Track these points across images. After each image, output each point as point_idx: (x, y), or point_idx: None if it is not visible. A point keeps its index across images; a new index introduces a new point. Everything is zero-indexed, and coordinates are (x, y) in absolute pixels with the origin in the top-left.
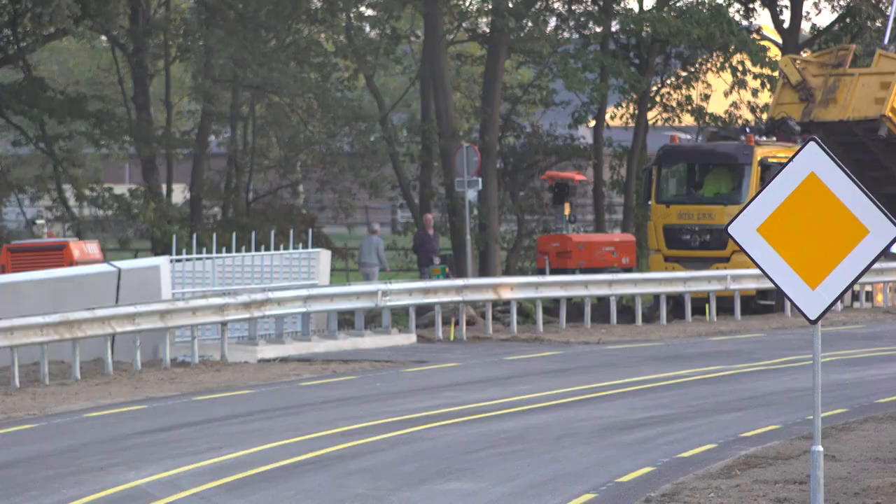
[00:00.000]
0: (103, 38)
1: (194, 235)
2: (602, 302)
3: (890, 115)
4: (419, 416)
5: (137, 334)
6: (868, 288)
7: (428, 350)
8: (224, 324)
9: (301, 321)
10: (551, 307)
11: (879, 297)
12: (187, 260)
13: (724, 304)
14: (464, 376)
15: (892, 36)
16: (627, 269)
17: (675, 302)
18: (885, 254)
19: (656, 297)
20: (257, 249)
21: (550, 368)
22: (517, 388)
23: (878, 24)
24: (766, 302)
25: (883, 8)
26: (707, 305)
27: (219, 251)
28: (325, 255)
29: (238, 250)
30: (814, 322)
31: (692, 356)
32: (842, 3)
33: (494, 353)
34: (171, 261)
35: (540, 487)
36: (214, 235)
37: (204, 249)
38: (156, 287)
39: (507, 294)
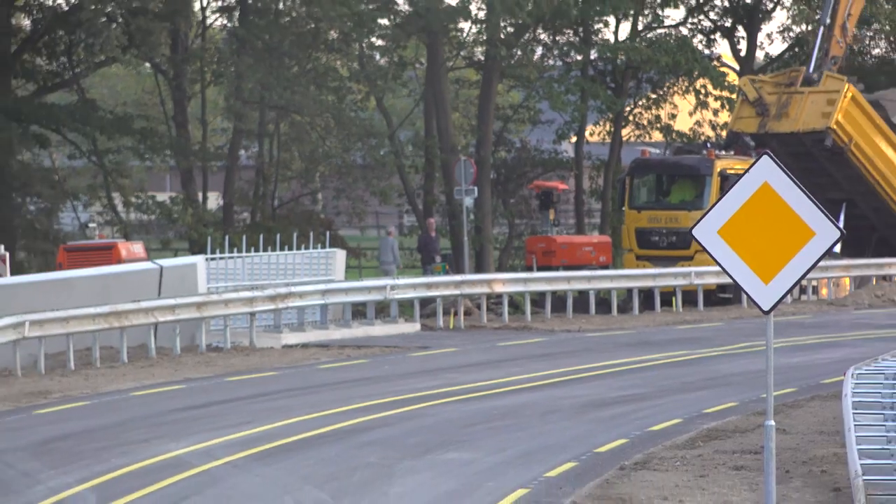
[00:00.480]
0: (147, 64)
1: (227, 237)
2: (582, 295)
3: (835, 127)
4: (422, 394)
5: (177, 323)
6: (814, 283)
7: (430, 337)
8: (252, 314)
9: (320, 312)
10: (538, 299)
11: (824, 291)
12: (220, 258)
13: (689, 297)
14: (461, 360)
15: (816, 64)
16: (604, 267)
17: (646, 295)
18: (828, 253)
19: (629, 290)
20: (281, 249)
21: (537, 353)
22: (508, 370)
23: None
24: (725, 295)
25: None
26: (674, 298)
27: (248, 251)
28: (340, 255)
29: (264, 250)
30: (767, 312)
31: (661, 342)
32: (791, 34)
33: (488, 340)
34: (207, 259)
35: (528, 457)
36: (244, 237)
37: (235, 249)
38: (193, 282)
39: (499, 288)
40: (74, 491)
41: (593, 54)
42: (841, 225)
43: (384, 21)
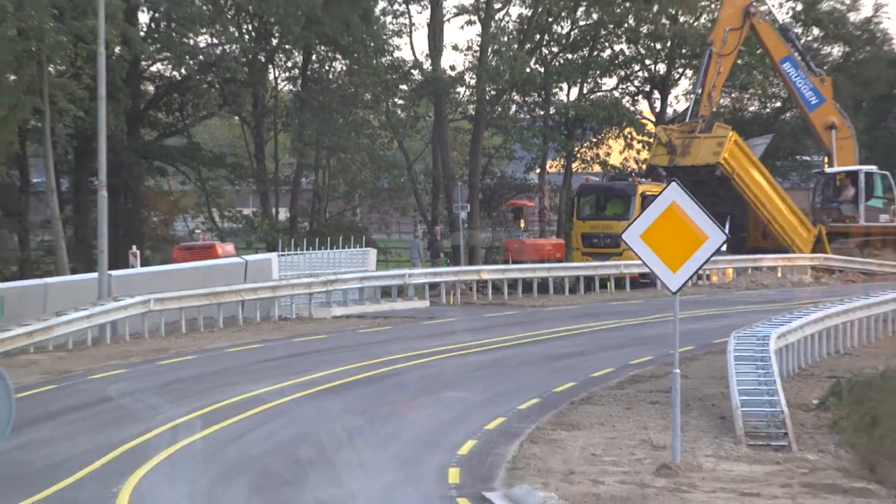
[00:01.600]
0: (236, 118)
1: (292, 240)
2: (544, 281)
3: (723, 161)
4: (430, 351)
5: (257, 301)
6: (707, 272)
7: (436, 311)
8: (310, 294)
9: (358, 293)
10: (513, 284)
11: (714, 278)
12: (288, 255)
13: (619, 283)
14: (459, 326)
15: (692, 114)
16: (560, 261)
17: (589, 280)
18: (717, 252)
19: (577, 277)
20: (330, 248)
21: (512, 322)
22: (492, 334)
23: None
24: (645, 280)
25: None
26: (608, 283)
27: (307, 250)
28: (372, 253)
29: (319, 249)
30: (674, 293)
31: (599, 314)
32: (691, 96)
33: (478, 312)
34: (278, 255)
35: (506, 395)
36: (304, 240)
37: (298, 249)
38: (269, 272)
39: (485, 276)
40: (185, 419)
41: (552, 110)
42: (726, 231)
43: (403, 87)
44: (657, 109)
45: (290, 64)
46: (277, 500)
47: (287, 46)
